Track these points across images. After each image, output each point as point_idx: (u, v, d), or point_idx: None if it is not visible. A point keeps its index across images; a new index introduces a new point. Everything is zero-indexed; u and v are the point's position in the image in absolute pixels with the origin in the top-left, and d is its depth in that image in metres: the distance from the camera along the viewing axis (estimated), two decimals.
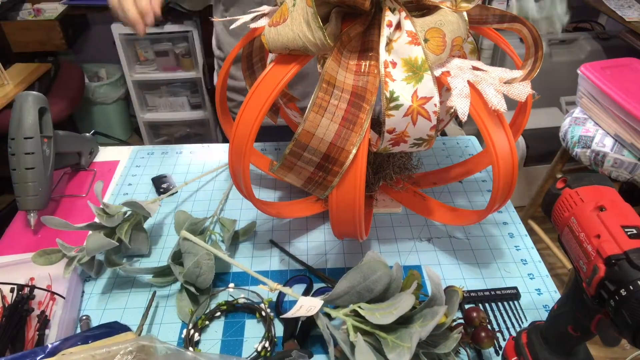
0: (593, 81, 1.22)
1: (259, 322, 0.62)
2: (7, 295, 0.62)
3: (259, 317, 0.62)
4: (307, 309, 0.53)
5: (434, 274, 0.51)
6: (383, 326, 0.49)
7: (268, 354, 0.57)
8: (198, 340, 0.59)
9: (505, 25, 0.60)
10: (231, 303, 0.63)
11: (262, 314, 0.61)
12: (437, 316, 0.47)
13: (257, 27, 0.59)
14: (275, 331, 0.60)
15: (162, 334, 0.60)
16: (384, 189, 0.80)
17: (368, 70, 0.53)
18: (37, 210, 0.75)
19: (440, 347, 0.50)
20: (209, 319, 0.61)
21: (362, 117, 0.52)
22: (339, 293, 0.52)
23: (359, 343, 0.48)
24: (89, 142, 0.91)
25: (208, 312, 0.62)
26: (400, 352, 0.46)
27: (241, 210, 0.79)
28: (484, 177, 0.87)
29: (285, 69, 0.53)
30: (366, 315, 0.50)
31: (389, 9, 0.53)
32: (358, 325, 0.51)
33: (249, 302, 0.63)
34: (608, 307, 0.39)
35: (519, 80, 0.53)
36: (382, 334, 0.49)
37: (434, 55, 0.52)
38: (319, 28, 0.49)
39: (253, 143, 0.55)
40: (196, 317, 0.60)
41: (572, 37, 1.91)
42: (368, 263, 0.53)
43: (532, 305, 0.64)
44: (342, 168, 0.52)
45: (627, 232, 0.39)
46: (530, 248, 0.72)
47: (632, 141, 1.16)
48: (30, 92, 0.75)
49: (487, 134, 0.53)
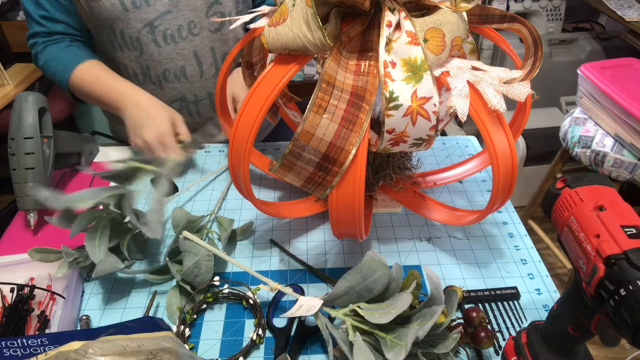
0: (593, 81, 1.22)
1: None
2: (7, 295, 0.62)
3: (245, 305, 0.63)
4: (307, 309, 0.53)
5: (433, 274, 0.51)
6: (382, 326, 0.49)
7: (262, 341, 0.58)
8: (189, 336, 0.60)
9: (505, 25, 0.60)
10: (215, 294, 0.63)
11: (249, 302, 0.62)
12: (435, 315, 0.48)
13: (256, 27, 0.59)
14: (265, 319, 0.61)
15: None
16: (384, 189, 0.80)
17: (368, 71, 0.53)
18: (37, 210, 0.75)
19: (439, 347, 0.50)
20: (196, 312, 0.62)
21: (362, 117, 0.52)
22: (338, 293, 0.53)
23: (358, 342, 0.48)
24: (89, 142, 0.91)
25: (194, 307, 0.62)
26: (397, 351, 0.46)
27: (241, 210, 0.79)
28: (484, 177, 0.87)
29: (284, 69, 0.53)
30: (365, 315, 0.50)
31: (389, 9, 0.53)
32: (357, 325, 0.51)
33: (235, 291, 0.63)
34: (608, 307, 0.39)
35: (519, 80, 0.53)
36: (381, 334, 0.49)
37: (434, 55, 0.52)
38: (318, 28, 0.50)
39: (253, 143, 0.55)
40: (183, 314, 0.61)
41: (572, 37, 1.91)
42: (368, 263, 0.53)
43: (531, 305, 0.64)
44: (342, 168, 0.52)
45: (627, 232, 0.39)
46: (530, 248, 0.72)
47: (632, 141, 1.16)
48: (30, 92, 0.76)
49: (486, 134, 0.53)
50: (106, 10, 0.81)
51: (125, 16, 0.82)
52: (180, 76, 0.90)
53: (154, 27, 0.84)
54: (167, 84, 0.90)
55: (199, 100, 0.94)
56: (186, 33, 0.86)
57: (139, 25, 0.83)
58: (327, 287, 0.66)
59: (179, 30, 0.85)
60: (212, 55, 0.90)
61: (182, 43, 0.87)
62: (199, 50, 0.89)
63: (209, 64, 0.91)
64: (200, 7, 0.85)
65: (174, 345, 0.48)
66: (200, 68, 0.90)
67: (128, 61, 0.89)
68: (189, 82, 0.91)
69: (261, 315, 0.61)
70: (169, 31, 0.85)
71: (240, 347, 0.59)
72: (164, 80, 0.90)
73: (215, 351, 0.58)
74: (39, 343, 0.49)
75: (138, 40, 0.85)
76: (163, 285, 0.66)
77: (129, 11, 0.81)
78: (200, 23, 0.86)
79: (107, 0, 0.80)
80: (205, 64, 0.90)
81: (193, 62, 0.89)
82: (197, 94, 0.93)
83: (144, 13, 0.82)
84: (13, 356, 0.48)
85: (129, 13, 0.81)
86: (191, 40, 0.87)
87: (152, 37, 0.85)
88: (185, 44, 0.87)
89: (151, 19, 0.83)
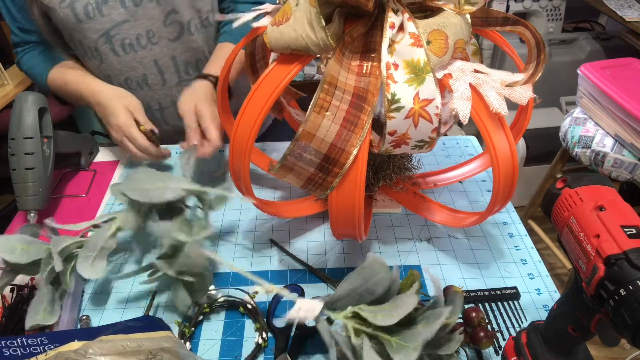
0: (593, 81, 1.22)
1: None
2: (7, 295, 0.62)
3: (243, 311, 0.62)
4: (307, 311, 0.52)
5: (435, 279, 0.51)
6: (385, 328, 0.49)
7: (267, 344, 0.58)
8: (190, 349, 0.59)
9: (508, 28, 0.60)
10: (211, 303, 0.62)
11: (246, 307, 0.62)
12: (442, 317, 0.47)
13: (259, 26, 0.59)
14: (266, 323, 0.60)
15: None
16: (384, 189, 0.80)
17: (370, 72, 0.53)
18: (37, 210, 0.75)
19: (444, 349, 0.50)
20: (193, 325, 0.61)
21: (363, 119, 0.52)
22: (340, 295, 0.52)
23: (366, 346, 0.48)
24: (89, 142, 0.91)
25: (192, 320, 0.61)
26: (406, 353, 0.46)
27: (241, 210, 0.79)
28: (484, 178, 0.87)
29: (287, 69, 0.53)
30: (368, 317, 0.49)
31: (392, 10, 0.53)
32: (359, 328, 0.51)
33: (230, 299, 0.63)
34: (607, 307, 0.39)
35: (521, 83, 0.53)
36: (385, 336, 0.49)
37: (436, 57, 0.52)
38: (321, 28, 0.49)
39: (254, 142, 0.55)
40: (182, 325, 0.60)
41: (572, 37, 1.91)
42: (369, 265, 0.53)
43: (531, 305, 0.64)
44: (343, 169, 0.52)
45: (627, 231, 0.39)
46: (530, 248, 0.73)
47: (632, 141, 1.16)
48: (30, 92, 0.76)
49: (487, 136, 0.53)
50: (61, 21, 0.81)
51: (79, 27, 0.82)
52: (142, 84, 0.90)
53: (111, 36, 0.84)
54: (130, 92, 0.88)
55: (163, 108, 0.94)
56: (145, 42, 0.86)
57: (95, 36, 0.83)
58: (327, 287, 0.66)
59: (138, 39, 0.85)
60: (173, 64, 0.90)
61: (142, 52, 0.87)
62: (160, 59, 0.88)
63: (171, 72, 0.90)
64: (157, 16, 0.84)
65: (174, 345, 0.48)
66: (162, 76, 0.90)
67: (92, 69, 0.90)
68: (152, 91, 0.91)
69: (262, 319, 0.60)
70: (127, 40, 0.85)
71: (241, 347, 0.59)
72: (127, 88, 0.89)
73: (215, 351, 0.58)
74: (39, 342, 0.49)
75: (96, 49, 0.85)
76: (163, 284, 0.66)
77: (82, 22, 0.81)
78: (158, 32, 0.86)
79: (61, 11, 0.80)
80: (167, 72, 0.90)
81: (154, 70, 0.89)
82: (161, 102, 0.93)
83: (99, 23, 0.82)
84: (13, 356, 0.48)
85: (82, 24, 0.81)
86: (151, 49, 0.87)
87: (110, 46, 0.85)
88: (145, 53, 0.87)
89: (107, 29, 0.83)
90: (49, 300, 0.58)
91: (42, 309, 0.57)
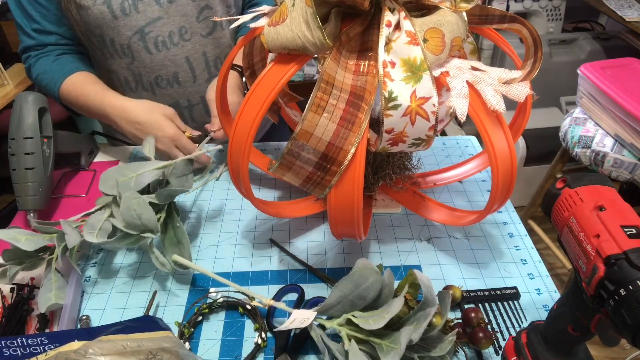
0: (593, 81, 1.22)
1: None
2: (7, 295, 0.62)
3: (242, 312, 0.62)
4: (301, 321, 0.52)
5: (423, 277, 0.51)
6: (377, 332, 0.49)
7: (266, 344, 0.58)
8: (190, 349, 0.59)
9: (505, 26, 0.60)
10: (211, 305, 0.63)
11: (246, 307, 0.62)
12: (428, 317, 0.47)
13: (257, 27, 0.59)
14: (265, 323, 0.60)
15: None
16: (384, 189, 0.80)
17: (367, 70, 0.53)
18: (37, 210, 0.75)
19: (435, 350, 0.50)
20: (193, 325, 0.61)
21: (361, 117, 0.52)
22: (331, 303, 0.52)
23: (352, 349, 0.48)
24: (89, 142, 0.91)
25: (191, 319, 0.61)
26: (393, 355, 0.46)
27: (241, 210, 0.79)
28: (484, 177, 0.87)
29: (284, 69, 0.53)
30: (360, 323, 0.49)
31: (389, 9, 0.53)
32: (352, 334, 0.51)
33: (229, 300, 0.63)
34: (607, 307, 0.38)
35: (518, 80, 0.53)
36: (376, 340, 0.49)
37: (433, 55, 0.52)
38: (318, 28, 0.50)
39: (252, 142, 0.55)
40: (182, 325, 0.60)
41: (572, 37, 1.91)
42: (359, 271, 0.52)
43: (531, 305, 0.64)
44: (341, 168, 0.52)
45: (627, 231, 0.39)
46: (530, 248, 0.72)
47: (632, 141, 1.16)
48: (30, 92, 0.76)
49: (485, 134, 0.53)
50: (95, 18, 0.81)
51: (114, 24, 0.82)
52: (173, 82, 0.90)
53: (145, 34, 0.84)
54: (160, 90, 0.90)
55: (192, 105, 0.94)
56: (177, 39, 0.86)
57: (129, 33, 0.83)
58: (327, 287, 0.66)
59: (170, 36, 0.85)
60: (204, 60, 0.90)
61: (174, 49, 0.87)
62: (191, 56, 0.89)
63: (201, 69, 0.91)
64: (190, 12, 0.85)
65: (174, 345, 0.48)
66: (193, 73, 0.90)
67: (119, 69, 0.89)
68: (182, 88, 0.91)
69: (261, 319, 0.60)
70: (160, 38, 0.85)
71: (241, 347, 0.59)
72: (157, 86, 0.90)
73: (215, 351, 0.58)
74: (39, 342, 0.49)
75: (129, 47, 0.85)
76: (163, 284, 0.67)
77: (118, 19, 0.81)
78: (191, 28, 0.86)
79: (96, 9, 0.79)
80: (198, 69, 0.90)
81: (185, 67, 0.89)
82: (191, 99, 0.93)
83: (134, 20, 0.82)
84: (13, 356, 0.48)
85: (118, 21, 0.81)
86: (183, 45, 0.87)
87: (143, 44, 0.85)
88: (177, 50, 0.87)
89: (141, 26, 0.83)
90: (58, 286, 0.61)
91: (54, 294, 0.60)
